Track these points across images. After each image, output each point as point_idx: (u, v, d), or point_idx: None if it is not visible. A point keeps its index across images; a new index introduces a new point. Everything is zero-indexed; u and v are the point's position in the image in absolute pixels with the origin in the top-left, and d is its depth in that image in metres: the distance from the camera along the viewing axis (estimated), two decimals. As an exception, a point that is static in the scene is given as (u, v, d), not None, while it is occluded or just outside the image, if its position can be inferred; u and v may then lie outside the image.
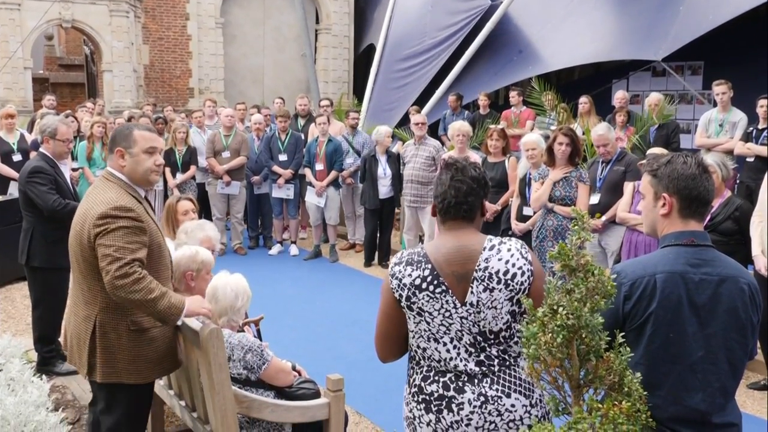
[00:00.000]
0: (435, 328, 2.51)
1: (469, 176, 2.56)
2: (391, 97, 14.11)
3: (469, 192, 2.55)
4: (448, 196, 2.56)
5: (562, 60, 12.25)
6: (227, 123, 9.79)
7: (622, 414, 1.87)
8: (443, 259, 2.51)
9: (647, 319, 2.30)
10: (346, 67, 19.64)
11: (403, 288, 2.53)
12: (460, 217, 2.56)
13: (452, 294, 2.48)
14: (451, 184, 2.56)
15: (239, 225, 10.09)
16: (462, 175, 2.56)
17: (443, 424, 2.52)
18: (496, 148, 7.48)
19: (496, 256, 2.48)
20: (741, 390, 5.38)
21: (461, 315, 2.48)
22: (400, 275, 2.55)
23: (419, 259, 2.54)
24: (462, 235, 2.55)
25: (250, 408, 3.37)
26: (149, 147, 3.31)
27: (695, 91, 11.63)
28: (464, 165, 2.60)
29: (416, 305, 2.52)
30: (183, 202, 4.99)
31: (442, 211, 2.59)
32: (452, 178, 2.57)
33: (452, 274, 2.49)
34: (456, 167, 2.59)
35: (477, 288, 2.46)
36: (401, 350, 2.70)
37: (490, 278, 2.46)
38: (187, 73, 17.84)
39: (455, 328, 2.49)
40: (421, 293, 2.50)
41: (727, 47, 11.44)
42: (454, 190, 2.55)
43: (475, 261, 2.48)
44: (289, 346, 5.58)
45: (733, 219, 5.30)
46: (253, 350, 3.52)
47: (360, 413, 5.00)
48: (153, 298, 3.06)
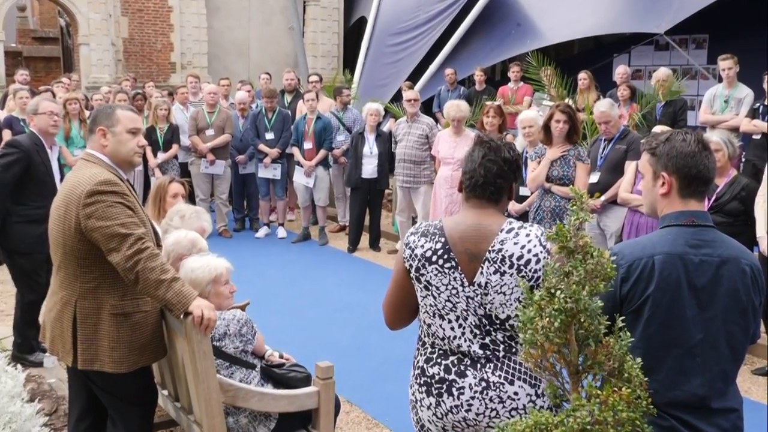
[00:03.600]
0: (441, 304, 2.54)
1: (501, 157, 2.56)
2: (383, 72, 14.06)
3: (500, 174, 2.55)
4: (477, 175, 2.56)
5: (561, 33, 12.21)
6: (210, 101, 9.75)
7: (622, 401, 1.88)
8: (458, 236, 2.53)
9: (645, 301, 2.32)
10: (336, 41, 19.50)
11: (414, 258, 2.57)
12: (485, 198, 2.56)
13: (461, 272, 2.50)
14: (482, 163, 2.55)
15: (224, 206, 10.07)
16: (495, 155, 2.56)
17: (443, 408, 2.55)
18: (492, 125, 7.47)
19: (512, 240, 2.48)
20: (745, 376, 5.43)
21: (468, 294, 2.50)
22: (413, 245, 2.58)
23: (434, 231, 2.57)
24: (483, 215, 2.55)
25: (236, 397, 3.38)
26: (133, 127, 3.32)
27: (699, 65, 11.62)
28: (498, 145, 2.59)
29: (424, 278, 2.55)
30: (174, 185, 4.97)
31: (468, 189, 2.59)
32: (484, 156, 2.56)
33: (465, 251, 2.51)
34: (490, 146, 2.59)
35: (487, 269, 2.48)
36: (409, 318, 2.74)
37: (503, 261, 2.46)
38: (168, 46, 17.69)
39: (461, 307, 2.51)
40: (431, 266, 2.53)
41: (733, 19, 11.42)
42: (484, 169, 2.55)
43: (489, 241, 2.49)
44: (276, 332, 5.58)
45: (739, 199, 5.31)
46: (247, 323, 3.60)
47: (351, 402, 5.02)
48: (169, 279, 3.08)
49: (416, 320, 2.75)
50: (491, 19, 13.21)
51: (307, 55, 17.64)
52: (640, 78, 12.65)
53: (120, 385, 3.28)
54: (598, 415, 1.86)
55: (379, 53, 14.39)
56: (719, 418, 2.35)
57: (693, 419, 2.32)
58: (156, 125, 9.64)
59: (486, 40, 13.10)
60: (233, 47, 18.62)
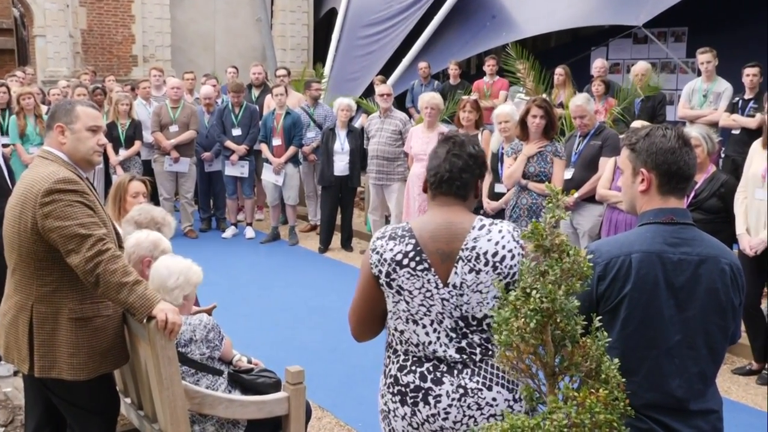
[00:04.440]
0: (414, 308, 2.53)
1: (466, 152, 2.59)
2: (354, 66, 14.05)
3: (465, 168, 2.57)
4: (442, 170, 2.58)
5: (537, 26, 12.29)
6: (174, 95, 9.68)
7: (599, 402, 1.91)
8: (428, 236, 2.53)
9: (621, 301, 2.34)
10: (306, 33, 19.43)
11: (384, 263, 2.54)
12: (452, 194, 2.58)
13: (434, 273, 2.50)
14: (447, 158, 2.58)
15: (189, 206, 10.01)
16: (460, 150, 2.59)
17: (419, 417, 2.54)
18: (468, 120, 7.49)
19: (486, 237, 2.49)
20: (725, 376, 5.52)
21: (443, 296, 2.49)
22: (382, 250, 2.56)
23: (403, 234, 2.56)
24: (451, 213, 2.56)
25: (202, 404, 3.36)
26: (93, 125, 3.28)
27: (678, 59, 11.76)
28: (463, 140, 2.63)
29: (396, 283, 2.53)
30: (135, 183, 4.90)
31: (434, 185, 2.60)
32: (449, 152, 2.59)
33: (437, 251, 2.51)
34: (454, 141, 2.62)
35: (462, 269, 2.48)
36: (377, 329, 2.73)
37: (477, 259, 2.47)
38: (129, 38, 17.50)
39: (436, 310, 2.51)
40: (402, 270, 2.52)
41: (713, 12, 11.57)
42: (449, 164, 2.57)
43: (462, 240, 2.50)
44: (244, 336, 5.55)
45: (719, 196, 5.39)
46: (214, 328, 3.58)
47: (323, 407, 5.02)
48: (131, 281, 3.05)
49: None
50: (466, 10, 13.25)
51: (276, 48, 17.55)
52: (618, 72, 12.77)
53: (80, 394, 3.25)
54: (575, 418, 1.88)
55: (350, 46, 14.38)
56: (698, 420, 2.38)
57: (671, 421, 2.35)
58: (117, 121, 9.55)
59: (460, 32, 13.14)
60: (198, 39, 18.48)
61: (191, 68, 13.77)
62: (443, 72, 13.06)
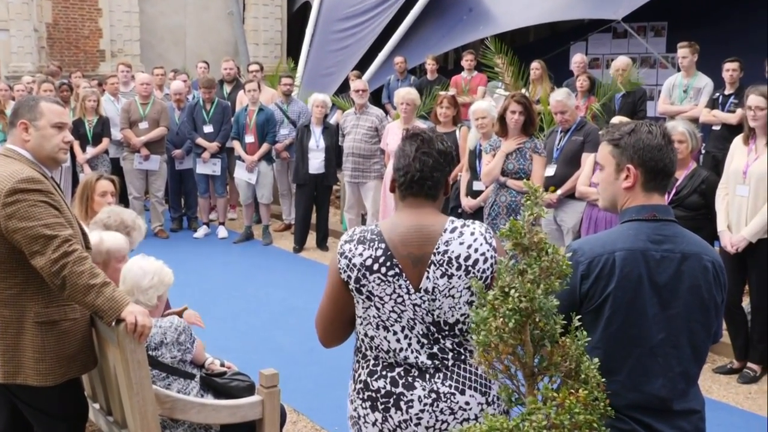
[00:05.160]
0: (385, 314, 2.51)
1: (436, 149, 2.54)
2: (328, 61, 14.02)
3: (436, 167, 2.53)
4: (412, 170, 2.53)
5: (515, 19, 12.34)
6: (143, 91, 9.60)
7: (578, 403, 1.92)
8: (399, 239, 2.50)
9: (605, 299, 2.35)
10: (279, 27, 19.37)
11: (353, 269, 2.51)
12: (423, 195, 2.54)
13: (406, 278, 2.47)
14: (417, 157, 2.53)
15: (160, 205, 9.94)
16: (429, 148, 2.54)
17: (390, 423, 2.53)
18: (446, 116, 7.51)
19: (458, 240, 2.48)
20: (706, 375, 5.57)
21: (414, 302, 2.48)
22: (350, 254, 2.52)
23: (372, 238, 2.52)
24: (422, 214, 2.53)
25: (174, 409, 3.34)
26: (58, 121, 3.25)
27: (658, 54, 11.87)
28: (431, 136, 2.57)
29: (366, 288, 2.50)
30: (103, 182, 4.85)
31: (404, 186, 2.56)
32: (418, 149, 2.54)
33: (408, 256, 2.48)
34: (422, 138, 2.56)
35: (434, 273, 2.46)
36: (345, 334, 2.70)
37: (449, 263, 2.46)
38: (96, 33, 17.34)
39: (407, 315, 2.49)
40: (372, 275, 2.49)
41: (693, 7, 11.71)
42: (420, 163, 2.52)
43: (433, 243, 2.47)
44: (217, 339, 5.53)
45: (700, 192, 5.45)
46: (186, 330, 3.57)
47: (298, 411, 5.01)
48: (99, 283, 3.02)
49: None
50: (442, 4, 13.28)
51: (248, 43, 17.49)
52: (597, 67, 12.87)
53: (46, 400, 3.22)
54: (554, 419, 1.89)
55: (325, 40, 14.35)
56: (681, 421, 2.40)
57: (654, 422, 2.36)
58: (84, 118, 9.46)
59: (437, 26, 13.17)
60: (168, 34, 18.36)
61: (161, 63, 13.69)
62: (420, 67, 13.09)
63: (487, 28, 12.15)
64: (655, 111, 9.28)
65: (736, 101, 7.58)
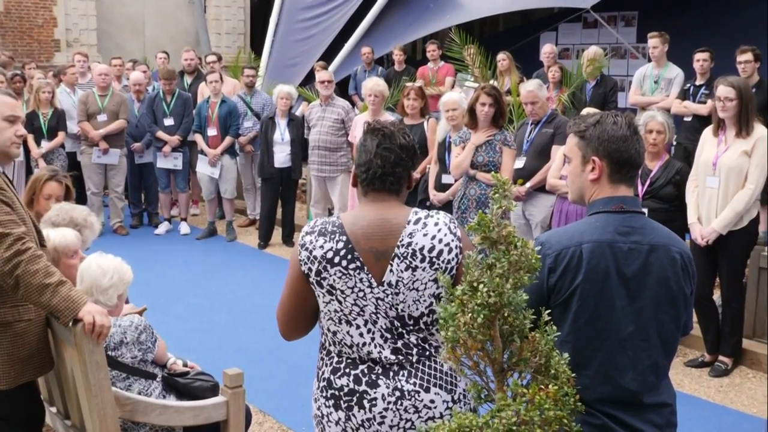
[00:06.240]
0: (347, 308, 2.52)
1: (398, 144, 2.56)
2: (293, 51, 13.95)
3: (398, 162, 2.55)
4: (374, 166, 2.55)
5: (484, 7, 12.37)
6: (101, 83, 9.49)
7: (548, 399, 1.94)
8: (361, 233, 2.51)
9: (573, 292, 2.38)
10: (242, 16, 19.25)
11: (313, 261, 2.52)
12: (385, 190, 2.57)
13: (368, 272, 2.49)
14: (378, 152, 2.54)
15: (119, 200, 9.85)
16: (390, 143, 2.55)
17: (353, 422, 2.54)
18: (413, 108, 7.53)
19: (421, 231, 2.49)
20: (678, 368, 5.66)
21: (377, 296, 2.49)
22: (311, 246, 2.53)
23: (333, 230, 2.54)
24: (385, 208, 2.55)
25: (134, 411, 3.32)
26: (10, 114, 3.21)
27: (629, 44, 11.98)
28: (392, 131, 2.59)
29: (327, 282, 2.52)
30: (52, 184, 4.69)
31: (366, 182, 2.58)
32: (379, 145, 2.55)
33: (370, 250, 2.50)
34: (383, 133, 2.57)
35: (398, 266, 2.48)
36: (306, 328, 2.71)
37: (413, 256, 2.47)
38: (51, 21, 17.11)
39: (369, 310, 2.50)
40: (333, 268, 2.50)
41: (664, -5, 11.82)
42: (381, 159, 2.54)
43: (396, 236, 2.49)
44: (180, 338, 5.51)
45: (674, 183, 5.53)
46: (147, 329, 3.55)
47: (264, 411, 5.01)
48: (54, 282, 2.98)
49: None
50: (408, -10, 13.25)
51: (210, 32, 17.37)
52: (568, 57, 12.93)
53: (0, 404, 3.18)
54: (524, 415, 1.91)
55: (289, 30, 14.26)
56: (652, 414, 2.44)
57: (625, 416, 2.40)
58: (38, 110, 9.33)
59: (403, 14, 13.13)
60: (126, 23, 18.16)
61: (119, 53, 13.55)
62: (387, 57, 13.07)
63: (454, 16, 12.15)
64: (626, 102, 9.37)
65: (707, 92, 7.67)
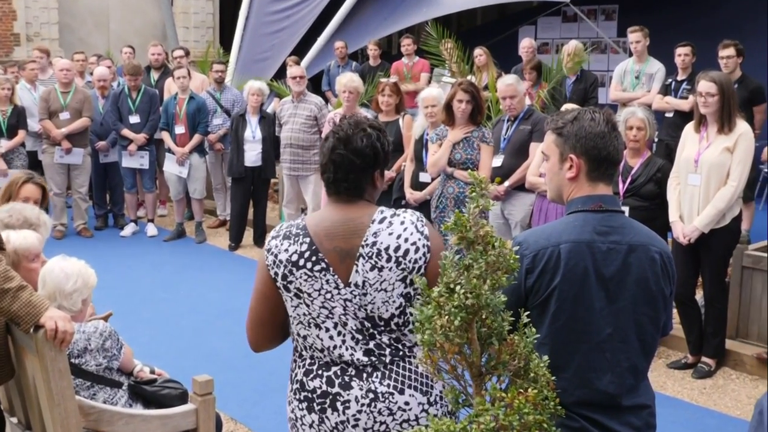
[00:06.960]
0: (315, 311, 2.53)
1: (352, 148, 2.50)
2: (264, 45, 13.90)
3: (351, 169, 2.52)
4: (328, 171, 2.55)
5: (461, 1, 12.39)
6: (63, 78, 9.41)
7: (528, 403, 1.94)
8: (324, 233, 2.52)
9: (551, 294, 2.40)
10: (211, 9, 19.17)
11: (279, 265, 2.54)
12: (344, 194, 2.57)
13: (333, 273, 2.50)
14: (331, 158, 2.53)
15: (83, 201, 9.77)
16: (344, 148, 2.51)
17: (327, 425, 2.55)
18: (388, 105, 7.53)
19: (387, 230, 2.50)
20: (660, 370, 5.71)
21: (344, 297, 2.50)
22: (276, 250, 2.55)
23: (297, 232, 2.55)
24: (349, 208, 2.56)
25: (99, 420, 3.30)
26: None
27: (609, 38, 12.06)
28: (348, 135, 2.52)
29: (293, 285, 2.53)
30: (29, 187, 4.69)
31: (325, 185, 2.61)
32: (333, 150, 2.52)
33: (334, 250, 2.51)
34: (339, 137, 2.53)
35: (363, 266, 2.49)
36: (277, 338, 2.73)
37: (379, 255, 2.48)
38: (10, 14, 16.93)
39: (338, 312, 2.51)
40: (299, 271, 2.51)
41: (644, -12, 11.90)
42: (333, 165, 2.52)
43: (361, 236, 2.50)
44: (147, 345, 5.47)
45: (655, 181, 5.56)
46: (112, 336, 3.53)
47: (235, 419, 5.00)
48: (14, 287, 2.96)
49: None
50: (383, -17, 13.24)
51: (177, 26, 17.25)
52: (547, 52, 13.01)
53: None
54: (503, 420, 1.91)
55: (260, 23, 14.20)
56: (630, 416, 2.46)
57: (603, 419, 2.42)
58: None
59: (378, 8, 13.11)
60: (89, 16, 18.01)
61: (82, 48, 13.44)
62: (362, 52, 13.05)
63: (431, 10, 12.15)
64: (607, 98, 9.43)
65: (689, 87, 7.73)
